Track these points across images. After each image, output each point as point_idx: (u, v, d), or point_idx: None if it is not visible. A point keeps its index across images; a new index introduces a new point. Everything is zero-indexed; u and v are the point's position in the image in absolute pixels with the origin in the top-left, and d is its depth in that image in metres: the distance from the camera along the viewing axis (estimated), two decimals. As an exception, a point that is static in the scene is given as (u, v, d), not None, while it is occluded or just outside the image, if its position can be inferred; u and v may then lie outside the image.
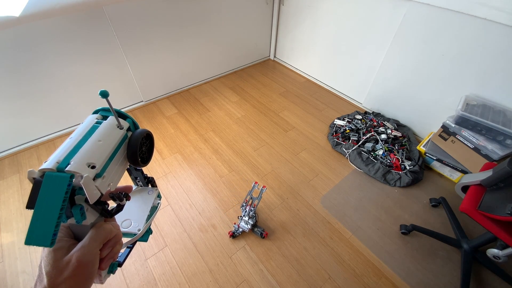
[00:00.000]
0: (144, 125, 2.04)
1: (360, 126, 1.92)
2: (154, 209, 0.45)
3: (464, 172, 1.54)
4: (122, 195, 0.35)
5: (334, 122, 2.01)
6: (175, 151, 1.84)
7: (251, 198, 1.35)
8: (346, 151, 1.78)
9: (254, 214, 1.35)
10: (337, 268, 1.26)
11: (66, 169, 0.27)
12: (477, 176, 1.10)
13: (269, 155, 1.81)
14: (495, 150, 1.37)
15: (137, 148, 0.34)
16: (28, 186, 1.58)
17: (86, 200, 0.29)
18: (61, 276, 0.27)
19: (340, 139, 1.86)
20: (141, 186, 0.48)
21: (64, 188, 0.26)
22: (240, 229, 1.34)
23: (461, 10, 1.39)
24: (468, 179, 1.15)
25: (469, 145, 1.48)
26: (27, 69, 1.58)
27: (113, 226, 0.34)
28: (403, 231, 1.37)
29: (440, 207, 1.51)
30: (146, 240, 0.42)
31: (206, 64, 2.45)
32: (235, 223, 1.38)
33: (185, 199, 1.53)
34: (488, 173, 1.05)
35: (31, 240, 0.25)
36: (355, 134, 1.86)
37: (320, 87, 2.51)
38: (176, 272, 1.24)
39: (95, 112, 0.37)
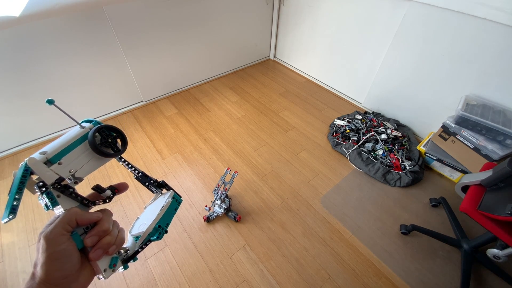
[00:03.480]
0: (144, 125, 2.04)
1: (360, 126, 1.92)
2: (166, 209, 0.46)
3: (464, 172, 1.54)
4: (106, 188, 0.40)
5: (334, 122, 2.02)
6: (175, 151, 1.84)
7: (224, 183, 1.41)
8: (346, 151, 1.78)
9: (227, 199, 1.41)
10: (337, 268, 1.26)
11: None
12: (477, 176, 1.10)
13: (269, 155, 1.81)
14: (495, 150, 1.37)
15: (92, 140, 0.39)
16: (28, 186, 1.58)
17: (57, 188, 0.34)
18: (38, 254, 0.31)
19: (340, 139, 1.86)
20: (156, 191, 0.50)
21: (21, 172, 0.32)
22: (214, 213, 1.40)
23: (461, 10, 1.39)
24: (468, 179, 1.15)
25: (469, 145, 1.48)
26: (27, 69, 1.58)
27: (90, 214, 0.36)
28: (403, 231, 1.37)
29: (440, 207, 1.51)
30: (156, 238, 0.43)
31: (206, 64, 2.45)
32: (206, 206, 1.44)
33: (185, 199, 1.53)
34: (488, 173, 1.05)
35: (3, 217, 0.32)
36: (355, 134, 1.86)
37: (320, 87, 2.51)
38: (176, 272, 1.24)
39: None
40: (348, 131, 1.88)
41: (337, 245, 1.34)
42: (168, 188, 0.50)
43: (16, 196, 0.32)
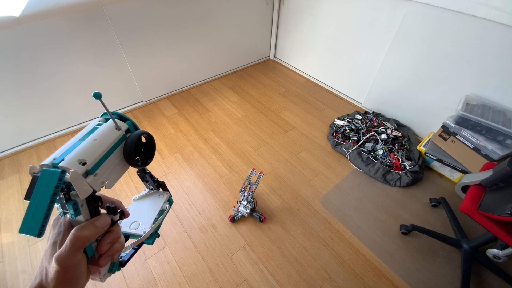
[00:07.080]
0: (144, 125, 2.04)
1: (360, 126, 1.92)
2: (161, 213, 0.45)
3: (464, 172, 1.54)
4: (118, 211, 0.35)
5: (334, 122, 2.01)
6: (175, 151, 1.84)
7: (249, 183, 1.41)
8: (346, 151, 1.78)
9: (252, 199, 1.40)
10: (337, 268, 1.26)
11: (59, 164, 0.29)
12: (477, 176, 1.10)
13: (269, 155, 1.81)
14: (495, 150, 1.37)
15: (132, 149, 0.35)
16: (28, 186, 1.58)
17: (87, 200, 0.31)
18: (49, 273, 0.29)
19: (340, 139, 1.86)
20: (152, 189, 0.49)
21: (55, 182, 0.27)
22: (240, 214, 1.40)
23: (461, 10, 1.39)
24: (468, 179, 1.15)
25: (469, 145, 1.48)
26: (27, 69, 1.58)
27: (102, 223, 0.33)
28: (403, 231, 1.37)
29: (440, 207, 1.51)
30: (151, 243, 0.42)
31: (206, 64, 2.45)
32: (234, 206, 1.43)
33: (185, 199, 1.53)
34: (488, 173, 1.05)
35: (23, 229, 0.27)
36: (355, 134, 1.86)
37: (320, 87, 2.51)
38: (176, 272, 1.24)
39: (102, 115, 0.38)
40: (348, 131, 1.88)
41: (337, 245, 1.34)
42: (165, 189, 0.48)
43: (48, 212, 0.27)
